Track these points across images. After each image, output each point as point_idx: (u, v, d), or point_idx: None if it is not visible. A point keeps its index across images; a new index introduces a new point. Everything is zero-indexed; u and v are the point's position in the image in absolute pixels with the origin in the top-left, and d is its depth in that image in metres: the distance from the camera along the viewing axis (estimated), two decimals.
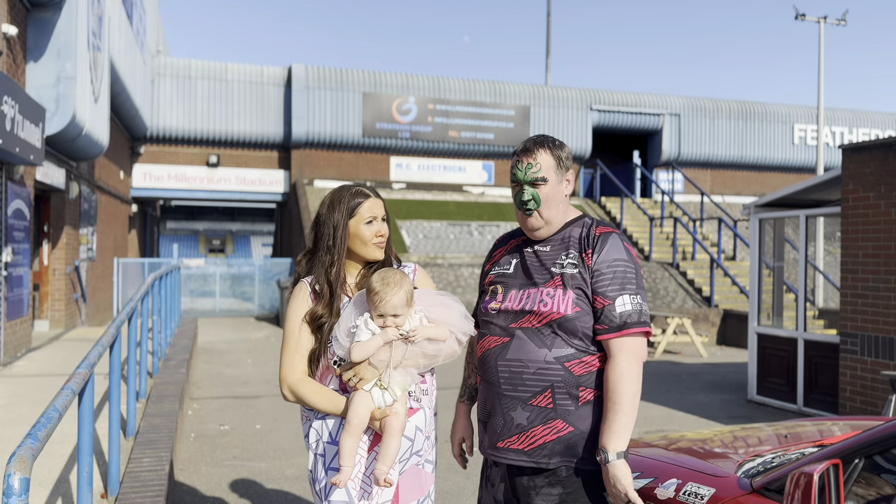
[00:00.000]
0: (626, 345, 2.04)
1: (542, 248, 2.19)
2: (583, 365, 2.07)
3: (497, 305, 2.18)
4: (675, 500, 2.12)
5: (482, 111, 20.76)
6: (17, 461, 1.93)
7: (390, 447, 2.01)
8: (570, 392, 2.06)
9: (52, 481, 4.21)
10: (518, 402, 2.08)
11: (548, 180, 2.14)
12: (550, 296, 2.09)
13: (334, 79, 19.47)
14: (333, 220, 2.18)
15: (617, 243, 2.12)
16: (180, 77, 18.71)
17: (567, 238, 2.17)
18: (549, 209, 2.15)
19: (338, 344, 2.08)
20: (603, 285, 2.07)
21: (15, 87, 6.93)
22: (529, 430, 2.07)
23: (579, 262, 2.11)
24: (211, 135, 18.96)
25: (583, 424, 2.06)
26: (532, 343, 2.08)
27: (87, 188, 13.10)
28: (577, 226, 2.20)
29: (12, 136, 6.87)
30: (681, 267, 16.50)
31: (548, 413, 2.06)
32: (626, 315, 2.04)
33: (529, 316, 2.11)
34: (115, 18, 12.45)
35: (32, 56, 8.87)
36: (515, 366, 2.09)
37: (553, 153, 2.16)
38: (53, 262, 11.43)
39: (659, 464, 2.37)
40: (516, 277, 2.20)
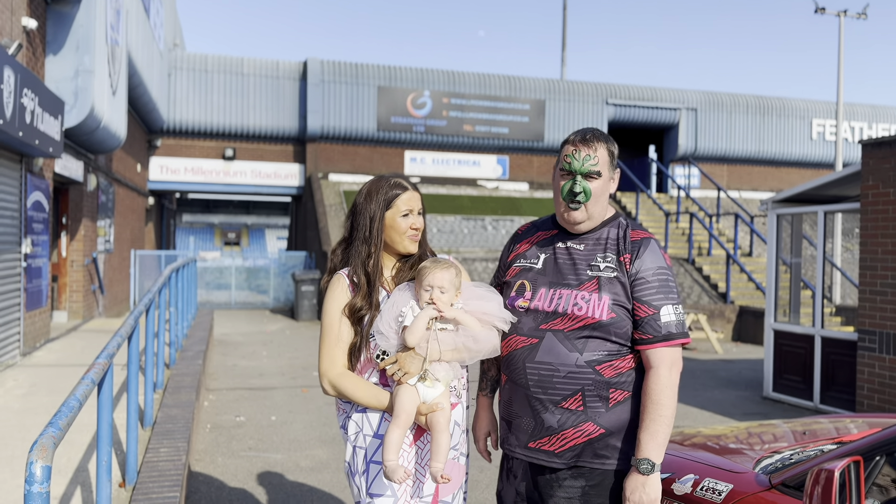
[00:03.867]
0: (668, 355, 2.01)
1: (577, 245, 2.13)
2: (612, 368, 2.04)
3: (525, 304, 2.12)
4: (692, 495, 2.11)
5: (497, 105, 20.71)
6: (38, 449, 1.96)
7: (441, 444, 2.01)
8: (600, 395, 2.03)
9: (72, 470, 4.26)
10: (548, 405, 2.05)
11: (601, 175, 2.09)
12: (586, 300, 2.05)
13: (349, 73, 19.49)
14: (370, 211, 2.15)
15: (656, 250, 2.09)
16: (196, 71, 18.81)
17: (603, 238, 2.12)
18: (596, 205, 2.10)
19: (381, 336, 2.05)
20: (648, 294, 2.03)
21: (35, 80, 6.99)
22: (560, 432, 2.05)
23: (617, 267, 2.07)
24: (227, 128, 19.05)
25: (613, 426, 2.04)
26: (563, 346, 2.04)
27: (105, 181, 13.21)
28: (614, 226, 2.15)
29: (32, 129, 6.93)
30: (696, 262, 16.40)
31: (578, 416, 2.03)
32: (670, 325, 2.02)
33: (562, 318, 2.06)
34: (133, 12, 12.52)
35: (52, 49, 8.95)
36: (545, 369, 2.05)
37: (609, 149, 2.11)
38: (72, 253, 11.55)
39: (676, 459, 2.36)
40: (546, 275, 2.14)
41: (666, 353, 2.01)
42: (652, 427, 1.97)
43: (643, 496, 1.95)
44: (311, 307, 14.71)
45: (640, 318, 2.03)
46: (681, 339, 2.03)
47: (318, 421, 6.43)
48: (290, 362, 9.63)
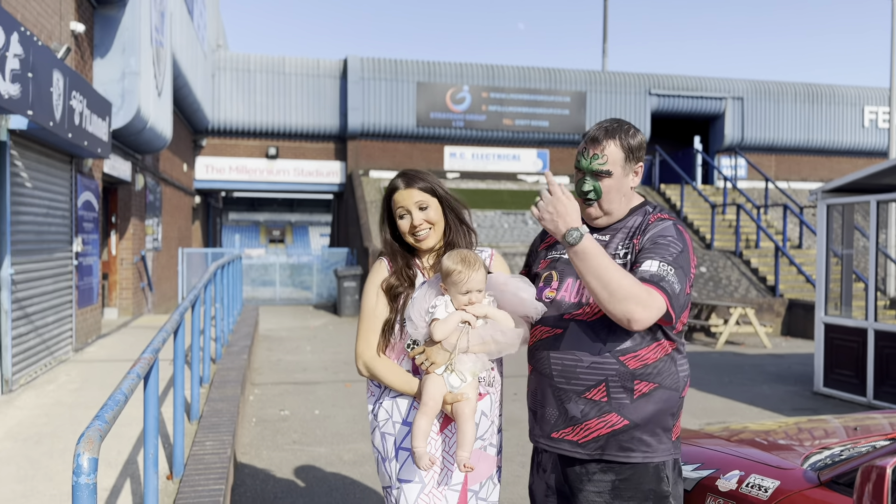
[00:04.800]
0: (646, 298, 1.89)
1: (602, 237, 2.11)
2: (637, 359, 2.01)
3: (552, 294, 2.11)
4: (737, 492, 2.06)
5: (537, 98, 20.56)
6: (85, 442, 2.00)
7: (466, 433, 2.03)
8: (624, 385, 2.00)
9: (121, 462, 4.37)
10: (572, 395, 2.05)
11: (612, 174, 2.04)
12: None
13: (389, 69, 19.56)
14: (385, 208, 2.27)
15: (668, 226, 2.04)
16: (240, 71, 19.11)
17: (626, 227, 2.11)
18: (610, 202, 2.07)
19: (411, 324, 2.08)
20: (640, 257, 1.99)
21: (83, 83, 7.19)
22: (583, 422, 2.04)
23: (630, 250, 2.05)
24: (270, 127, 19.33)
25: (637, 417, 2.01)
26: (586, 336, 2.03)
27: (153, 180, 13.53)
28: (638, 214, 2.12)
29: (81, 130, 7.13)
30: (744, 255, 16.03)
31: (602, 406, 2.01)
32: (644, 273, 1.93)
33: (585, 308, 2.04)
34: (177, 14, 12.77)
35: (99, 52, 9.19)
36: (569, 359, 2.05)
37: (623, 145, 2.05)
38: (121, 251, 11.86)
39: (720, 455, 2.30)
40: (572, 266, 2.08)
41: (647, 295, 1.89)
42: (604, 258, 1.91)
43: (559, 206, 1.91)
44: (354, 303, 14.84)
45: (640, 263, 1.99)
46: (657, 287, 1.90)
47: (360, 415, 6.48)
48: (333, 357, 9.73)
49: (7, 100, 5.14)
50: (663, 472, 2.02)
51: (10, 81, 5.19)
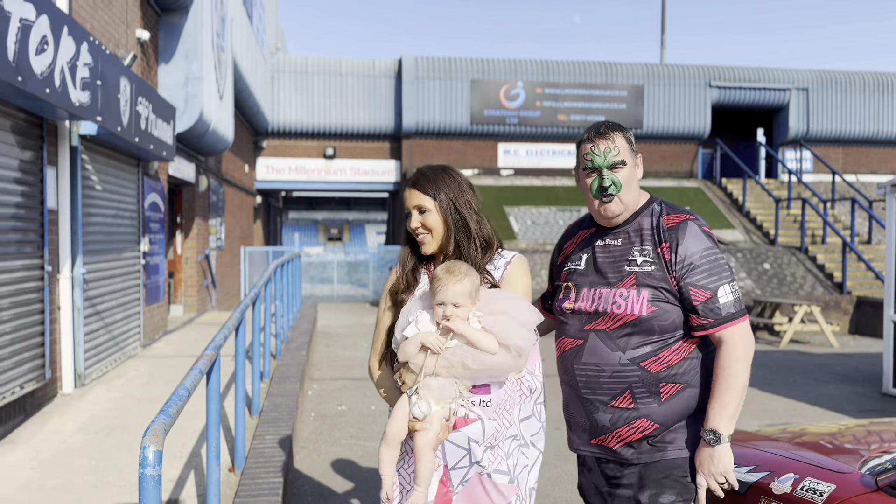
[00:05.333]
0: (737, 331, 1.99)
1: (613, 241, 2.11)
2: (659, 362, 2.02)
3: (570, 305, 2.14)
4: (791, 495, 2.02)
5: (592, 93, 20.32)
6: (150, 435, 2.10)
7: (420, 469, 1.90)
8: (650, 390, 2.01)
9: (186, 455, 4.55)
10: (599, 405, 2.06)
11: (626, 164, 2.07)
12: (624, 297, 2.03)
13: (442, 68, 19.64)
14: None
15: (695, 231, 2.03)
16: (298, 73, 19.50)
17: (638, 229, 2.09)
18: (627, 194, 2.07)
19: (394, 339, 2.00)
20: (700, 278, 2.00)
21: (148, 89, 7.47)
22: (613, 430, 2.05)
23: (655, 258, 2.04)
24: (327, 128, 19.67)
25: (668, 420, 2.03)
26: (605, 346, 2.04)
27: (215, 181, 13.95)
28: (647, 214, 2.11)
29: (147, 134, 7.42)
30: (810, 251, 15.50)
31: (629, 413, 2.03)
32: (728, 306, 1.99)
33: (603, 318, 2.06)
34: (237, 19, 13.12)
35: (163, 58, 9.53)
36: (592, 369, 2.06)
37: (625, 136, 2.10)
38: (186, 251, 12.28)
39: (776, 457, 2.26)
40: (587, 275, 2.14)
41: (734, 331, 1.99)
42: (723, 398, 1.95)
43: (711, 467, 1.96)
44: None
45: (698, 302, 1.99)
46: (742, 316, 2.00)
47: None
48: None
49: (78, 107, 5.39)
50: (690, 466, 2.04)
51: (81, 89, 5.44)
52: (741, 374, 1.96)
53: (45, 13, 4.72)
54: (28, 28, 4.47)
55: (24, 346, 5.32)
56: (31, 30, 4.51)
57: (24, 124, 5.29)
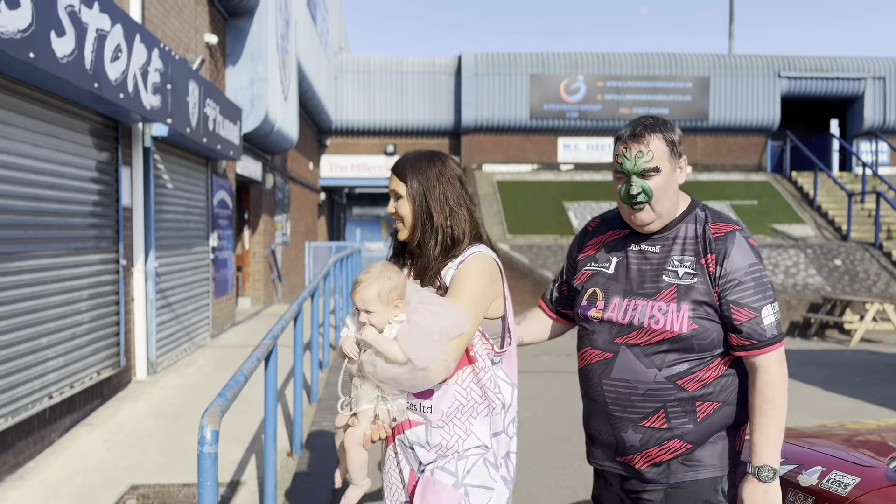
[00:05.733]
0: (775, 358, 1.86)
1: (651, 247, 1.95)
2: (696, 381, 1.88)
3: (598, 314, 1.96)
4: (817, 487, 2.05)
5: (656, 85, 19.97)
6: (208, 416, 2.29)
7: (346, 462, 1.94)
8: (685, 409, 1.88)
9: (248, 439, 4.80)
10: (628, 424, 1.92)
11: (661, 170, 1.88)
12: (663, 311, 1.87)
13: (502, 63, 19.67)
14: None
15: (743, 245, 1.88)
16: (360, 72, 19.88)
17: (680, 237, 1.93)
18: (661, 203, 1.90)
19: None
20: (745, 296, 1.85)
21: (216, 91, 7.82)
22: (643, 451, 1.92)
23: (698, 270, 1.88)
24: (388, 125, 19.99)
25: (702, 439, 1.90)
26: (640, 362, 1.89)
27: (281, 179, 14.40)
28: (690, 220, 1.94)
29: (214, 135, 7.77)
30: (885, 247, 14.87)
31: (662, 434, 1.89)
32: (773, 327, 1.86)
33: (639, 332, 1.89)
34: (301, 21, 13.50)
35: (230, 61, 9.92)
36: (623, 386, 1.91)
37: (666, 138, 1.89)
38: (253, 246, 12.75)
39: (806, 451, 2.28)
40: (619, 282, 1.96)
41: (773, 356, 1.85)
42: (768, 429, 1.83)
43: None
44: None
45: (741, 321, 1.85)
46: (782, 340, 1.88)
47: None
48: None
49: (149, 110, 5.73)
50: (720, 485, 1.92)
51: (152, 93, 5.77)
52: (780, 402, 1.84)
53: (119, 23, 5.04)
54: (103, 37, 4.79)
55: (100, 336, 5.69)
56: (106, 39, 4.82)
57: (100, 127, 5.65)
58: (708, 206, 1.99)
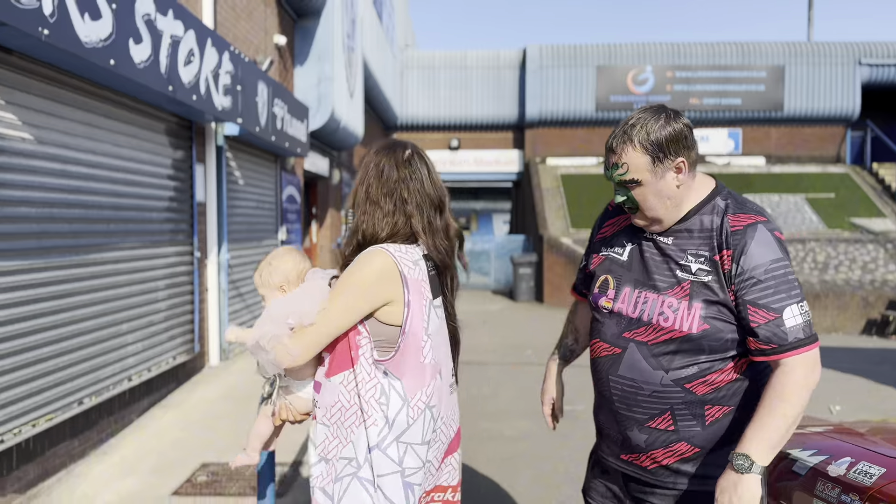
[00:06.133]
0: (803, 360, 1.69)
1: (665, 239, 1.82)
2: (706, 384, 1.76)
3: (609, 305, 1.87)
4: (844, 477, 2.09)
5: (728, 75, 19.46)
6: None
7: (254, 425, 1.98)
8: (693, 413, 1.77)
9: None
10: (634, 423, 1.83)
11: (641, 181, 1.76)
12: (673, 308, 1.75)
13: (567, 55, 19.55)
14: None
15: (766, 238, 1.71)
16: (425, 68, 20.13)
17: (696, 229, 1.79)
18: (652, 210, 1.79)
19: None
20: (763, 296, 1.69)
21: (284, 92, 8.15)
22: (648, 451, 1.83)
23: (712, 267, 1.74)
24: (452, 120, 20.18)
25: (711, 444, 1.79)
26: (646, 362, 1.78)
27: (347, 174, 14.77)
28: (708, 211, 1.79)
29: (283, 133, 8.10)
30: None
31: (669, 436, 1.79)
32: (797, 330, 1.68)
33: (647, 328, 1.79)
34: (367, 20, 13.80)
35: (298, 60, 10.27)
36: (629, 385, 1.82)
37: (645, 145, 1.73)
38: (321, 239, 13.15)
39: (839, 444, 2.31)
40: (631, 270, 1.86)
41: (800, 360, 1.68)
42: (765, 420, 1.65)
43: (733, 497, 1.64)
44: (529, 289, 15.16)
45: (758, 324, 1.69)
46: (812, 343, 1.69)
47: (523, 396, 6.79)
48: (503, 340, 10.13)
49: (221, 111, 6.05)
50: None
51: (223, 95, 6.09)
52: (796, 403, 1.66)
53: (191, 28, 5.35)
54: (177, 43, 5.11)
55: (176, 323, 6.07)
56: (179, 44, 5.14)
57: (175, 127, 6.01)
58: (733, 194, 1.84)
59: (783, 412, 1.65)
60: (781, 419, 1.65)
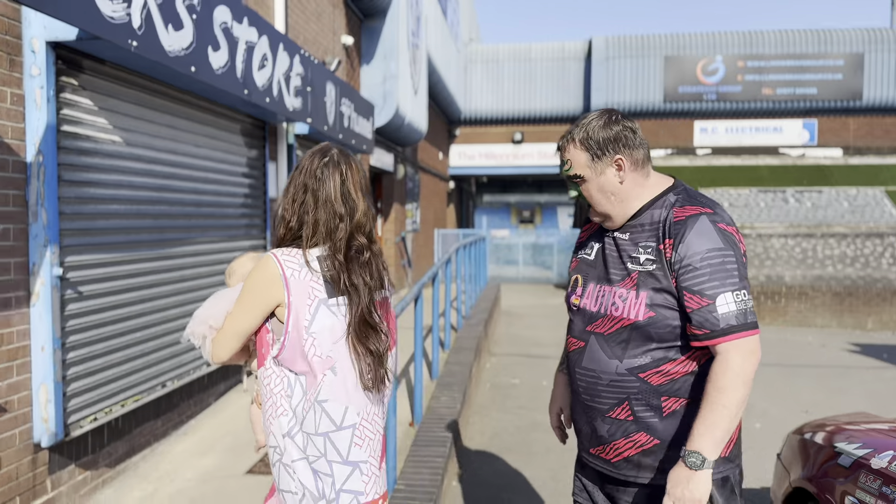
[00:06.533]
0: (738, 346, 1.73)
1: (622, 235, 1.92)
2: (661, 374, 1.82)
3: (577, 302, 1.99)
4: (886, 469, 2.13)
5: (802, 64, 18.82)
6: None
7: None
8: (650, 403, 1.83)
9: None
10: (597, 414, 1.91)
11: (584, 178, 1.90)
12: (623, 298, 1.85)
13: (634, 46, 19.29)
14: None
15: (706, 228, 1.77)
16: (489, 62, 20.22)
17: (646, 223, 1.88)
18: (600, 205, 1.92)
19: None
20: (698, 282, 1.75)
21: (351, 91, 8.42)
22: (611, 442, 1.90)
23: (657, 256, 1.81)
24: (515, 114, 20.21)
25: (670, 437, 1.83)
26: (602, 352, 1.88)
27: (411, 169, 15.04)
28: (660, 206, 1.87)
29: (349, 131, 8.38)
30: None
31: (628, 426, 1.86)
32: (729, 317, 1.72)
33: (603, 320, 1.89)
34: (432, 16, 13.99)
35: (365, 59, 10.55)
36: (590, 376, 1.91)
37: (585, 143, 1.87)
38: (385, 233, 13.46)
39: (883, 439, 2.35)
40: (595, 268, 1.97)
41: (733, 346, 1.72)
42: (710, 417, 1.70)
43: (685, 492, 1.70)
44: None
45: (692, 310, 1.75)
46: (746, 331, 1.72)
47: None
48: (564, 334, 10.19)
49: (292, 111, 6.34)
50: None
51: (294, 96, 6.38)
52: (732, 393, 1.70)
53: (265, 34, 5.64)
54: (252, 49, 5.40)
55: None
56: (253, 50, 5.44)
57: (250, 127, 6.33)
58: (688, 190, 1.91)
59: (723, 403, 1.69)
60: (722, 411, 1.69)
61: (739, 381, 1.70)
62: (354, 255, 1.86)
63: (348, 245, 1.85)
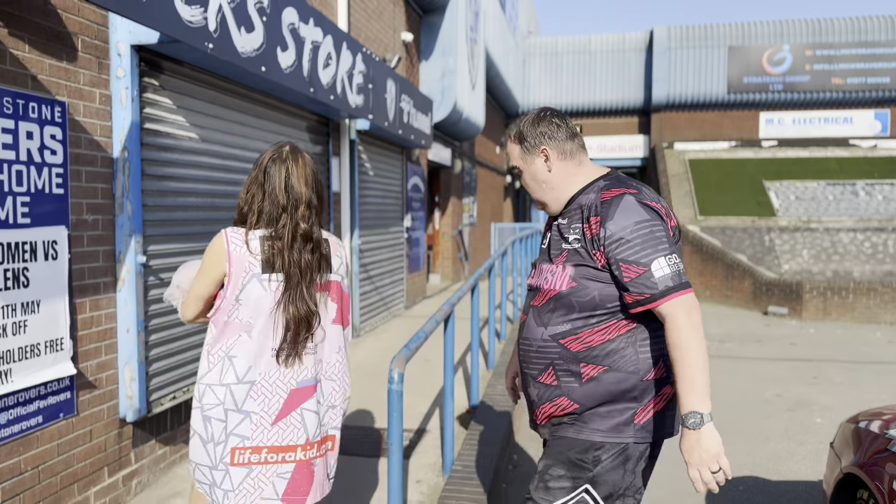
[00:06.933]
0: (679, 303, 1.84)
1: (563, 219, 2.09)
2: (579, 341, 1.98)
3: (530, 281, 2.20)
4: None
5: (875, 52, 18.13)
6: (396, 362, 2.87)
7: None
8: (570, 369, 1.99)
9: (433, 394, 5.47)
10: (530, 379, 2.10)
11: (519, 168, 2.15)
12: (553, 272, 2.04)
13: (697, 36, 18.92)
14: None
15: (630, 204, 1.91)
16: (547, 55, 20.14)
17: (577, 207, 2.04)
18: (535, 193, 2.14)
19: None
20: (632, 252, 1.88)
21: (410, 87, 8.60)
22: (540, 405, 2.08)
23: (581, 234, 1.98)
24: (574, 106, 20.08)
25: (588, 401, 1.98)
26: (533, 321, 2.08)
27: (469, 163, 15.17)
28: (590, 191, 2.04)
29: (409, 127, 8.57)
30: None
31: (552, 391, 2.03)
32: (666, 279, 1.85)
33: (537, 293, 2.09)
34: (490, 11, 14.07)
35: (423, 56, 10.73)
36: (525, 344, 2.11)
37: (518, 140, 2.13)
38: (443, 226, 13.64)
39: None
40: (545, 252, 2.16)
41: (675, 303, 1.84)
42: (685, 377, 1.80)
43: (702, 454, 1.77)
44: None
45: (630, 279, 1.88)
46: (683, 290, 1.85)
47: None
48: None
49: (354, 108, 6.56)
50: (596, 450, 1.96)
51: (356, 93, 6.60)
52: (692, 346, 1.80)
53: (329, 34, 5.86)
54: (317, 48, 5.62)
55: None
56: (319, 49, 5.66)
57: (315, 124, 6.58)
58: (620, 178, 2.06)
59: (689, 361, 1.80)
60: (692, 366, 1.80)
61: (692, 332, 1.81)
62: (298, 239, 2.13)
63: (293, 232, 2.13)
